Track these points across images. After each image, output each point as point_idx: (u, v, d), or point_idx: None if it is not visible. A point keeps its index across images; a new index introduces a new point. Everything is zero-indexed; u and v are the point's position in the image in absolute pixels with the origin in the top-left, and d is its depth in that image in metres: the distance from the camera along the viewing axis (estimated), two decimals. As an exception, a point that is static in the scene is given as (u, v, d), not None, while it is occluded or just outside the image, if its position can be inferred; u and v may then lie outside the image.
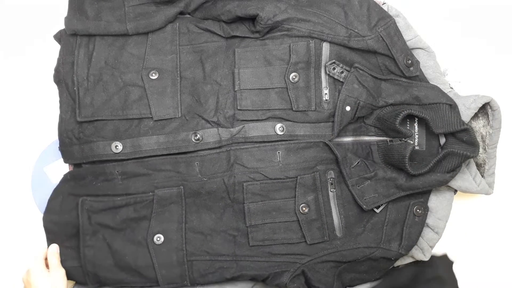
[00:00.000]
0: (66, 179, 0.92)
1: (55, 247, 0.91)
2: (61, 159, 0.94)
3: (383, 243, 0.88)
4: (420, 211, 0.89)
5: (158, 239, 0.89)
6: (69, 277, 0.91)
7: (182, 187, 0.89)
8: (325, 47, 0.89)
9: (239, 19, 0.92)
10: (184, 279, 0.90)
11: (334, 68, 0.89)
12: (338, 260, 0.89)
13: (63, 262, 0.91)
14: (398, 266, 0.95)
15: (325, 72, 0.90)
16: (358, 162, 0.90)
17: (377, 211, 0.89)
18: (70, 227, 0.90)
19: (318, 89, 0.89)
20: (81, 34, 0.92)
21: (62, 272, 0.88)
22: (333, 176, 0.90)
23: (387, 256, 0.88)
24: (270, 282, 0.89)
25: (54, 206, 0.91)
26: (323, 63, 0.89)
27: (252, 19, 0.91)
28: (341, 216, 0.89)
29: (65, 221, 0.90)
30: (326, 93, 0.90)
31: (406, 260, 0.93)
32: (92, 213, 0.89)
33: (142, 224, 0.90)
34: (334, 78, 0.89)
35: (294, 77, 0.89)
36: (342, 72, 0.89)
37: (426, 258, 0.91)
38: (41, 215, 0.95)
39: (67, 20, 0.92)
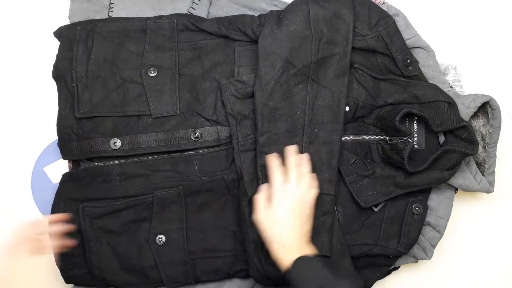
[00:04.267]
0: (64, 180, 0.91)
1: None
2: (61, 159, 0.94)
3: (381, 240, 0.88)
4: (419, 209, 0.88)
5: (160, 239, 0.89)
6: (78, 283, 0.91)
7: (181, 187, 0.89)
8: (325, 47, 0.89)
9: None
10: (188, 277, 0.90)
11: (333, 68, 0.89)
12: None
13: (71, 271, 0.90)
14: (398, 267, 0.94)
15: (325, 72, 0.90)
16: (355, 160, 0.89)
17: (376, 209, 0.89)
18: (74, 234, 0.89)
19: (317, 88, 0.89)
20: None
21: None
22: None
23: (386, 253, 0.88)
24: None
25: (58, 212, 0.90)
26: (322, 62, 0.89)
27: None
28: (339, 214, 0.88)
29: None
30: (325, 93, 0.89)
31: (408, 260, 0.92)
32: (93, 218, 0.89)
33: (143, 225, 0.90)
34: (333, 78, 0.89)
35: (293, 76, 0.89)
36: (341, 72, 0.89)
37: (428, 258, 0.90)
38: (41, 215, 0.95)
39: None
